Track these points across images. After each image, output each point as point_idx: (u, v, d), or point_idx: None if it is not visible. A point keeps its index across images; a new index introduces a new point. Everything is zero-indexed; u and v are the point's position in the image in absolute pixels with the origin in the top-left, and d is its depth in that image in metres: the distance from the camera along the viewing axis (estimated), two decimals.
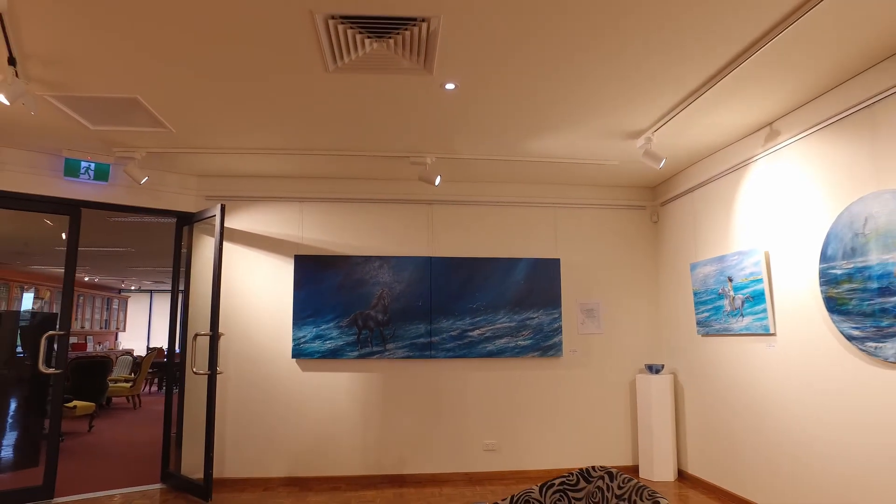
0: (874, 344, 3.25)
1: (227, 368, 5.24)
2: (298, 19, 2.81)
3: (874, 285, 3.24)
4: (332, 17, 2.79)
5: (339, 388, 5.31)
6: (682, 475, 5.33)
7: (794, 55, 3.16)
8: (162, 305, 18.69)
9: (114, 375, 11.10)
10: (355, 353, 5.30)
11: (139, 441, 7.05)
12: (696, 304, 5.05)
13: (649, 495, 2.07)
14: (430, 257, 5.49)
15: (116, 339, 17.73)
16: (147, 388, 13.58)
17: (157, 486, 5.07)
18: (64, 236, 8.27)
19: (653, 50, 3.11)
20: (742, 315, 4.43)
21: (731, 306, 4.57)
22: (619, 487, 2.27)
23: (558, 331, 5.51)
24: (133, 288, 17.66)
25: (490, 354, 5.43)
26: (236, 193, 5.45)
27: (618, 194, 5.87)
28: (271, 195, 5.49)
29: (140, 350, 17.97)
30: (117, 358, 12.37)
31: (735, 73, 3.34)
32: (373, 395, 5.33)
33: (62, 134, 4.33)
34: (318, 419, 5.26)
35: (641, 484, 2.17)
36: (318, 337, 5.27)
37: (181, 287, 5.47)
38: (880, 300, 3.20)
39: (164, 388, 13.36)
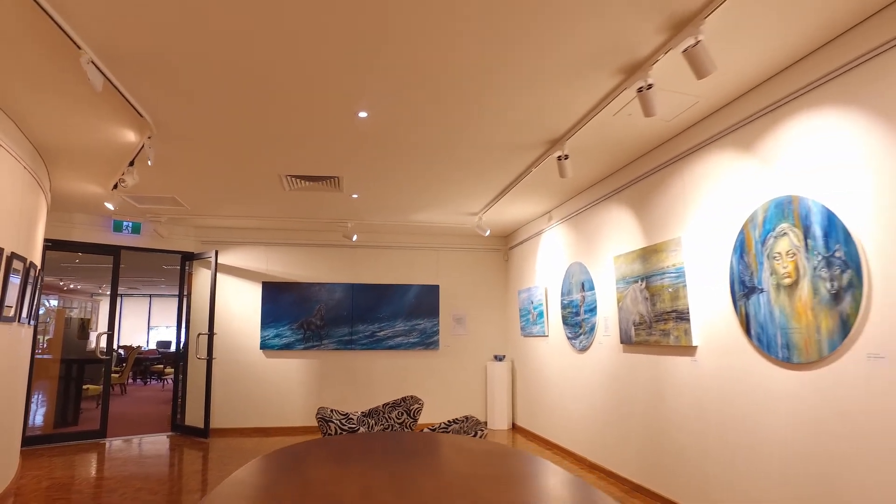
0: (574, 340, 6.24)
1: (217, 356, 7.90)
2: (273, 175, 5.58)
3: (573, 310, 6.23)
4: (290, 175, 5.58)
5: (291, 369, 8.05)
6: (514, 426, 8.28)
7: (545, 182, 6.12)
8: (130, 308, 20.83)
9: None
10: (302, 347, 8.05)
11: (141, 411, 9.59)
12: (520, 316, 8.02)
13: (415, 399, 4.94)
14: (353, 283, 8.28)
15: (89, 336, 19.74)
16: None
17: (170, 433, 7.70)
18: (77, 261, 10.71)
19: (466, 187, 6.02)
20: (536, 324, 7.40)
21: (532, 319, 7.54)
22: (410, 402, 5.13)
23: (437, 332, 8.40)
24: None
25: (391, 348, 8.26)
26: (222, 239, 8.12)
27: (481, 241, 8.81)
28: (246, 241, 8.18)
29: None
30: None
31: (520, 184, 6.25)
32: (313, 373, 8.09)
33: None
34: (277, 389, 7.98)
35: (415, 398, 5.04)
36: (277, 335, 8.00)
37: (185, 302, 8.11)
38: (575, 318, 6.19)
39: (142, 380, 15.79)
